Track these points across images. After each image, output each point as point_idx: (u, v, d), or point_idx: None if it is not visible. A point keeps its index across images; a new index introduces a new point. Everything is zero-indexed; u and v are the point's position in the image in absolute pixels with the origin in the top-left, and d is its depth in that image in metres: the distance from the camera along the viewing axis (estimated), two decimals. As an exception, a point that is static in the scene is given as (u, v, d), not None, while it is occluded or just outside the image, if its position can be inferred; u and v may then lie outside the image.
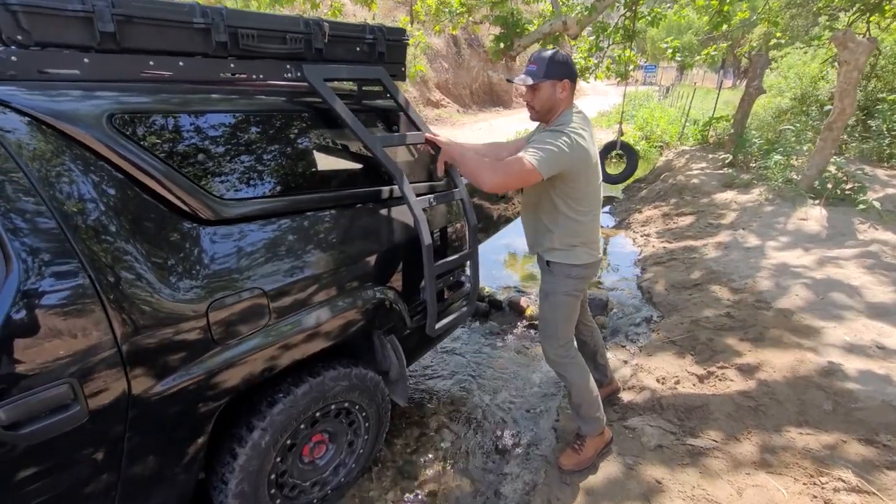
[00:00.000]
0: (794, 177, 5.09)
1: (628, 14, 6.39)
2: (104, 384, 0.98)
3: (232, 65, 1.31)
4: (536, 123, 1.75)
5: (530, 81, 1.55)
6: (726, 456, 1.85)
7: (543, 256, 1.76)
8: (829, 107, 5.95)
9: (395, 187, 1.61)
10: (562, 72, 1.54)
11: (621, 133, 7.03)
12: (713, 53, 7.60)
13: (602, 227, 5.84)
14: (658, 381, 2.37)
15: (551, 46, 6.58)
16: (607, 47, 6.97)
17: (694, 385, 2.30)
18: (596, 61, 7.30)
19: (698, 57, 8.10)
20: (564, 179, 1.56)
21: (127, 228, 1.04)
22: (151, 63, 1.16)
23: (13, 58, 0.98)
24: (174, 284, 1.09)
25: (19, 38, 0.99)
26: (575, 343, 1.89)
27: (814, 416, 1.99)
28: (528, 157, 1.45)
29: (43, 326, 0.90)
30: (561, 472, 1.88)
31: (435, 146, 1.67)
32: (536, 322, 3.19)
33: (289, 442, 1.46)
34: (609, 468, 1.85)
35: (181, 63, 1.21)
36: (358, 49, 1.57)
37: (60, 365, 0.92)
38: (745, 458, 1.83)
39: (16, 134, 0.94)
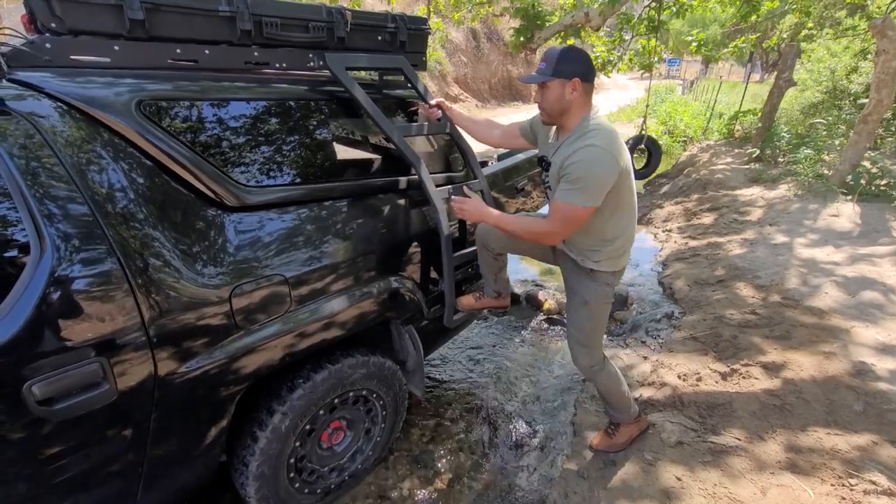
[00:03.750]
0: (825, 172, 4.90)
1: (653, 4, 6.23)
2: (132, 365, 1.01)
3: (256, 53, 1.32)
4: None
5: (539, 80, 1.41)
6: (750, 455, 1.80)
7: (585, 264, 1.62)
8: (863, 100, 5.71)
9: (415, 177, 1.61)
10: (572, 70, 1.38)
11: (643, 127, 6.89)
12: (741, 46, 7.34)
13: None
14: (679, 377, 2.32)
15: (571, 41, 6.49)
16: (630, 39, 6.81)
17: (716, 382, 2.25)
18: (619, 54, 7.15)
19: (725, 50, 7.84)
20: (611, 191, 1.44)
21: (154, 214, 1.07)
22: (178, 51, 1.18)
23: (47, 45, 1.01)
24: (199, 270, 1.12)
25: (53, 25, 1.02)
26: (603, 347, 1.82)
27: (843, 417, 1.92)
28: (572, 198, 1.37)
29: (74, 307, 0.93)
30: (592, 451, 1.91)
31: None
32: (554, 317, 3.17)
33: (308, 427, 1.48)
34: (628, 464, 1.83)
35: (207, 51, 1.23)
36: (379, 38, 1.57)
37: (91, 345, 0.96)
38: (770, 457, 1.78)
39: (50, 120, 0.97)
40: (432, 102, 1.72)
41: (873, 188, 4.42)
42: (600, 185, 1.38)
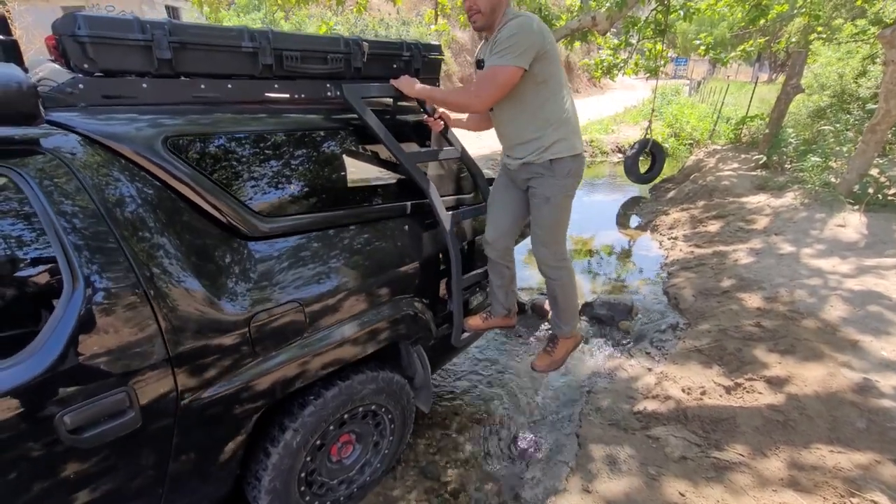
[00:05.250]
0: (833, 180, 4.89)
1: (660, 8, 6.21)
2: (156, 393, 1.05)
3: (276, 85, 1.36)
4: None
5: None
6: (752, 471, 1.83)
7: (542, 159, 1.67)
8: (871, 105, 5.68)
9: (426, 201, 1.64)
10: None
11: (648, 131, 6.89)
12: (749, 50, 7.31)
13: (627, 228, 5.68)
14: (683, 390, 2.35)
15: (577, 44, 6.48)
16: (637, 42, 6.79)
17: (721, 396, 2.28)
18: (624, 57, 7.14)
19: (733, 53, 7.80)
20: (541, 62, 1.55)
21: (179, 247, 1.11)
22: (203, 86, 1.22)
23: (80, 85, 1.05)
24: (221, 298, 1.16)
25: (86, 66, 1.06)
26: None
27: (846, 434, 1.95)
28: (500, 60, 1.48)
29: (103, 339, 0.98)
30: (534, 371, 1.99)
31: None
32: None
33: (318, 442, 1.52)
34: (631, 478, 1.86)
35: (229, 85, 1.27)
36: (395, 66, 1.61)
37: (118, 375, 1.00)
38: (773, 474, 1.81)
39: (81, 158, 1.01)
40: (435, 115, 1.77)
41: (881, 198, 4.40)
42: (527, 46, 1.48)
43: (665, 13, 6.10)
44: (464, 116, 1.93)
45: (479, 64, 1.68)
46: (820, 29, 7.81)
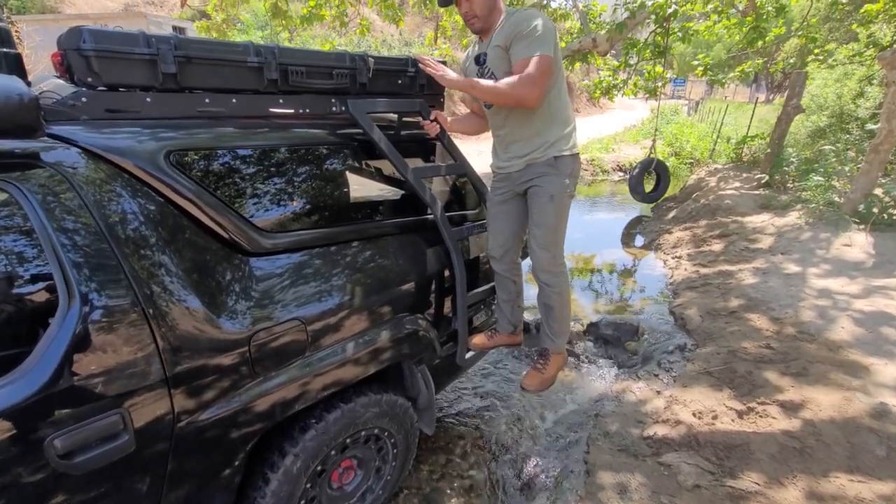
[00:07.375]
0: (836, 199, 4.88)
1: (659, 30, 6.31)
2: (152, 415, 1.01)
3: (280, 100, 1.35)
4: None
5: None
6: (769, 501, 1.75)
7: (546, 156, 1.64)
8: (870, 125, 5.71)
9: (430, 217, 1.62)
10: None
11: (652, 150, 6.93)
12: (747, 70, 7.41)
13: (630, 246, 5.66)
14: (694, 414, 2.28)
15: (577, 64, 6.57)
16: (636, 63, 6.89)
17: (733, 421, 2.21)
18: (624, 77, 7.23)
19: (731, 74, 7.90)
20: (554, 53, 1.53)
21: (179, 264, 1.07)
22: (207, 101, 1.21)
23: (83, 99, 1.03)
24: (221, 317, 1.12)
25: (90, 80, 1.05)
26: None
27: (866, 462, 1.87)
28: (539, 49, 1.45)
29: (98, 359, 0.94)
30: (524, 392, 1.90)
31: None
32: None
33: (319, 468, 1.46)
34: (643, 508, 1.79)
35: (234, 100, 1.26)
36: (399, 82, 1.61)
37: (112, 396, 0.95)
38: (791, 504, 1.73)
39: (81, 172, 0.98)
40: (430, 117, 1.73)
41: (886, 217, 4.39)
42: (552, 36, 1.48)
43: (664, 35, 6.19)
44: (461, 124, 1.93)
45: (478, 59, 1.65)
46: (817, 51, 7.93)
